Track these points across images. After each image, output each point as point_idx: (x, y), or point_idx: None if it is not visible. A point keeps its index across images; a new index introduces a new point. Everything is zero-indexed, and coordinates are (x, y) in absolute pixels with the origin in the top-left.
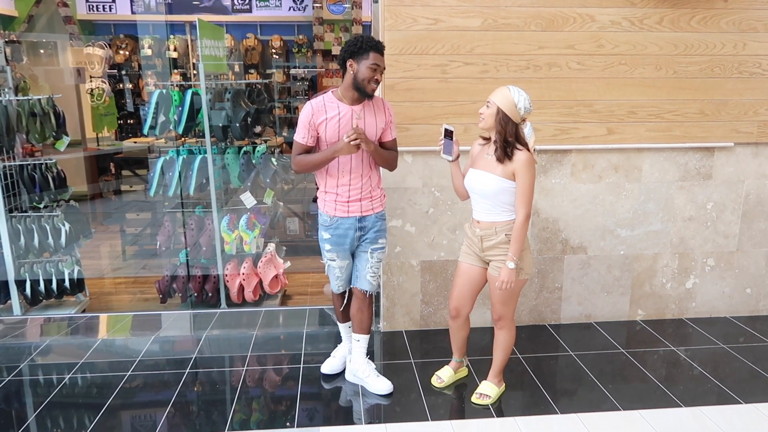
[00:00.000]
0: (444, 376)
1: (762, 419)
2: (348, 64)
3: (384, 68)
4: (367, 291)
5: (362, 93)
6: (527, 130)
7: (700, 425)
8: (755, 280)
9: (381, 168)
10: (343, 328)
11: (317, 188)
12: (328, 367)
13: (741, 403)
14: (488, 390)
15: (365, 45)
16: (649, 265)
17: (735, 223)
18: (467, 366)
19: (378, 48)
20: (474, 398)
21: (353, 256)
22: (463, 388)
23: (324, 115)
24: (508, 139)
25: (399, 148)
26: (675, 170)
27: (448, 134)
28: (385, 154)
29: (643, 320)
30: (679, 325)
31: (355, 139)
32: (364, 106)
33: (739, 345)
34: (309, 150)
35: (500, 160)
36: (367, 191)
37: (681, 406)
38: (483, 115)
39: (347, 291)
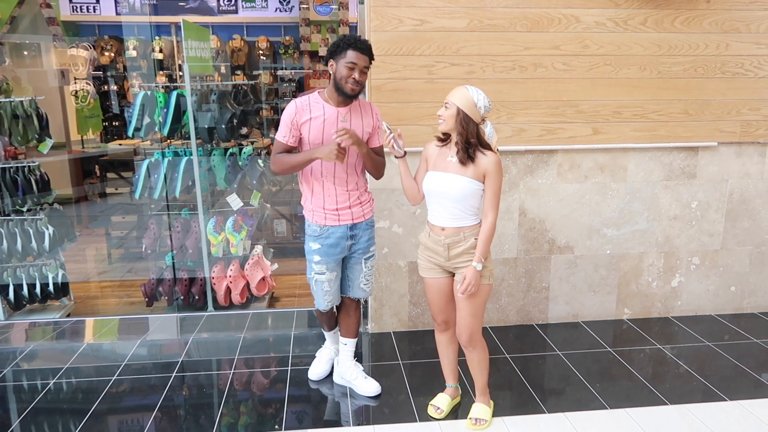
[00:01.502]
0: (442, 405)
1: (747, 416)
2: (329, 64)
3: (365, 67)
4: (360, 300)
5: (342, 93)
6: (488, 130)
7: (686, 423)
8: (739, 278)
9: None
10: (330, 335)
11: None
12: (315, 373)
13: (726, 400)
14: (483, 413)
15: (343, 43)
16: (635, 264)
17: (719, 221)
18: (461, 392)
19: (357, 46)
20: (469, 424)
21: (342, 266)
22: None
23: (308, 114)
24: (470, 140)
25: (386, 149)
26: (660, 170)
27: (390, 130)
28: (376, 159)
29: (629, 319)
30: (665, 324)
31: (343, 138)
32: (351, 108)
33: (724, 342)
34: (290, 150)
35: (463, 162)
36: (355, 197)
37: (667, 404)
38: (442, 117)
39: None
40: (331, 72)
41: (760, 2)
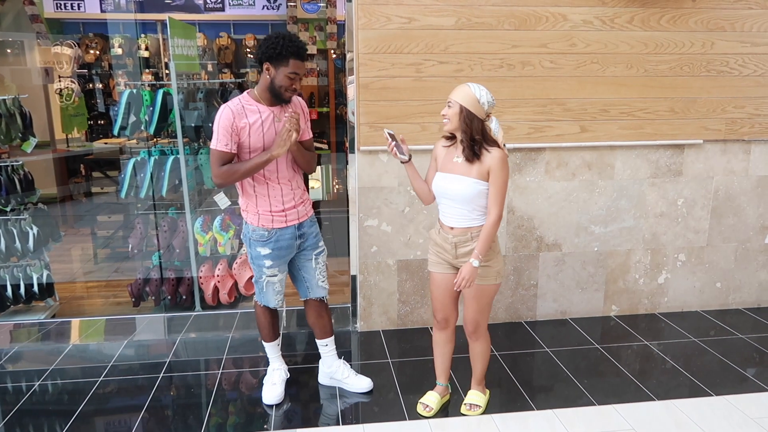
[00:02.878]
0: (432, 403)
1: (732, 410)
2: (265, 66)
3: (303, 75)
4: (323, 297)
5: (279, 99)
6: (494, 126)
7: (672, 418)
8: (725, 275)
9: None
10: (273, 347)
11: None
12: (273, 396)
13: (712, 395)
14: (478, 400)
15: (285, 51)
16: (623, 261)
17: (705, 218)
18: (450, 391)
19: (299, 54)
20: (464, 409)
21: (294, 269)
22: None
23: (245, 119)
24: (475, 137)
25: (375, 148)
26: (646, 167)
27: (392, 137)
28: (306, 154)
29: (617, 316)
30: (651, 320)
31: (293, 126)
32: (283, 107)
33: (709, 338)
34: (232, 159)
35: (469, 160)
36: (298, 196)
37: (654, 400)
38: (447, 116)
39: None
40: (268, 76)
41: (744, 1)
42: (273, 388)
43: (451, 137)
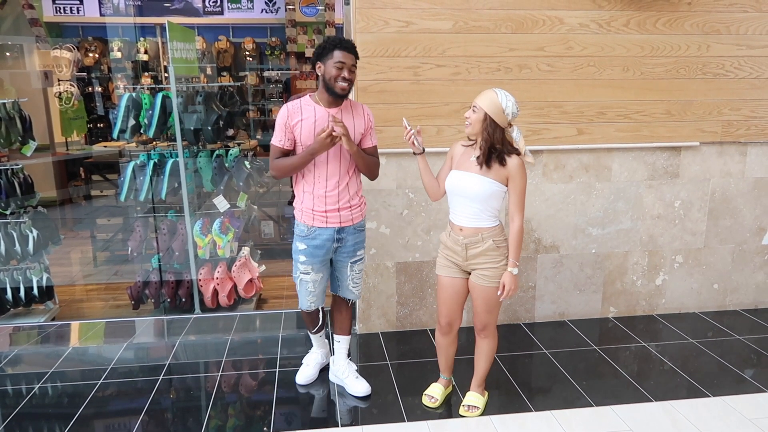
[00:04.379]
0: (436, 395)
1: (729, 411)
2: (317, 67)
3: (353, 65)
4: (351, 300)
5: (332, 93)
6: (515, 134)
7: (670, 419)
8: (722, 276)
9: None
10: (316, 337)
11: (293, 193)
12: (303, 377)
13: (709, 396)
14: (476, 401)
15: (329, 45)
16: (620, 262)
17: (702, 220)
18: (454, 384)
19: (342, 45)
20: (462, 411)
21: (330, 266)
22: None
23: (299, 116)
24: (495, 146)
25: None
26: (643, 169)
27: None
28: (367, 159)
29: (614, 317)
30: (649, 322)
31: (334, 130)
32: (342, 110)
33: (707, 339)
34: (286, 153)
35: (486, 166)
36: (345, 200)
37: (652, 401)
38: (469, 120)
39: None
40: (319, 74)
41: (739, 4)
42: (305, 369)
43: (472, 138)
